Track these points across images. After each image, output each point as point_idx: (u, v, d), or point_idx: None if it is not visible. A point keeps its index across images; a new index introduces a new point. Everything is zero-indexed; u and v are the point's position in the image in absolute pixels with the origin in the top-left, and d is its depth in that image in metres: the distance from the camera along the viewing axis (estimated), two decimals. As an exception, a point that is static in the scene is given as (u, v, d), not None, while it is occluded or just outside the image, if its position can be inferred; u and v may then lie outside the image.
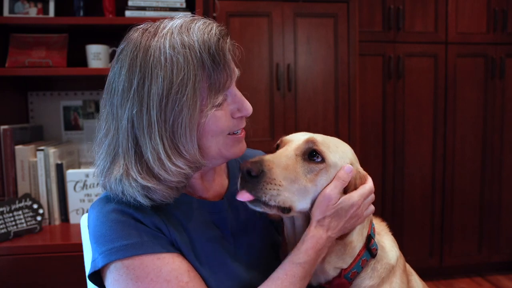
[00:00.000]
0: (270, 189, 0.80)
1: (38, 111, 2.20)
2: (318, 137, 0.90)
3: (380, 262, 0.94)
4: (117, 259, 0.77)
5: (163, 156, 0.76)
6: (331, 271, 0.90)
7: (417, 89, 2.90)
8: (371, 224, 0.96)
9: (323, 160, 0.86)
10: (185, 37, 0.77)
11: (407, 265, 1.08)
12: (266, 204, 0.81)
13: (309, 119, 2.48)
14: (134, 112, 0.76)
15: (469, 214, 3.03)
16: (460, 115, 2.96)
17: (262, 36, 2.43)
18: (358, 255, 0.91)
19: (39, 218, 1.85)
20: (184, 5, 2.02)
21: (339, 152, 0.89)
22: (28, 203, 1.84)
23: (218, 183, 0.98)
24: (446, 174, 2.97)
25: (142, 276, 0.76)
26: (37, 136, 2.12)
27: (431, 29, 2.87)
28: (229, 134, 0.85)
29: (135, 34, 0.80)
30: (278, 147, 0.93)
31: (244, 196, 0.81)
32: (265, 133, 2.43)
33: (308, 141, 0.88)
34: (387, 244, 0.99)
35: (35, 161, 1.89)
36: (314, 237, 0.83)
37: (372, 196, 0.91)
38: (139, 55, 0.77)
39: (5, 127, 1.89)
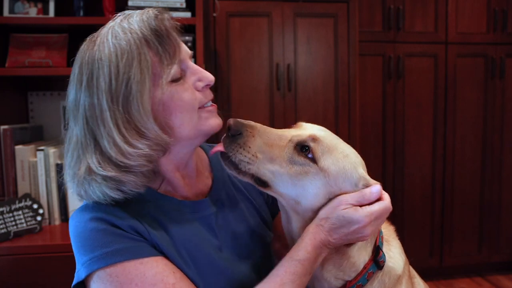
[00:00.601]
0: (240, 153, 0.80)
1: (38, 111, 2.20)
2: (326, 139, 0.84)
3: (387, 275, 0.89)
4: (99, 267, 0.76)
5: (118, 140, 0.77)
6: (333, 280, 0.87)
7: (417, 89, 2.90)
8: (379, 233, 0.92)
9: (314, 161, 0.81)
10: (125, 25, 0.80)
11: (411, 268, 1.05)
12: (236, 167, 0.81)
13: (309, 119, 2.46)
14: (86, 106, 0.78)
15: (469, 214, 3.03)
16: (460, 115, 2.96)
17: (262, 36, 2.43)
18: (365, 268, 0.87)
19: (39, 218, 1.84)
20: (184, 5, 2.02)
21: (344, 162, 0.83)
22: (28, 203, 1.84)
23: (201, 182, 0.97)
24: (446, 174, 2.97)
25: (126, 282, 0.75)
26: (37, 136, 2.12)
27: (431, 29, 2.87)
28: (200, 108, 0.86)
29: (82, 46, 0.83)
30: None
31: (218, 147, 0.82)
32: (265, 133, 2.42)
33: (311, 136, 0.83)
34: (395, 253, 0.94)
35: (35, 161, 1.89)
36: (313, 234, 0.82)
37: (383, 218, 0.84)
38: (85, 57, 0.80)
39: (5, 127, 1.89)
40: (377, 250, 0.88)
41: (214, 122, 0.88)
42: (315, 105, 2.49)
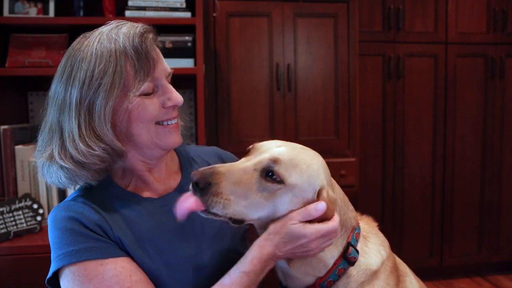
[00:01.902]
0: (216, 201, 0.81)
1: (38, 111, 2.19)
2: (285, 156, 0.86)
3: (356, 268, 0.92)
4: (64, 264, 0.82)
5: (76, 137, 0.84)
6: (304, 277, 0.91)
7: (417, 89, 2.90)
8: (353, 230, 0.94)
9: (282, 182, 0.84)
10: (113, 35, 0.86)
11: (403, 266, 1.06)
12: (215, 214, 0.83)
13: (309, 119, 2.48)
14: (60, 99, 0.86)
15: (469, 214, 3.03)
16: (460, 115, 2.96)
17: (262, 36, 2.43)
18: (334, 264, 0.90)
19: (39, 218, 1.84)
20: (184, 5, 2.02)
21: (308, 173, 0.86)
22: (28, 203, 1.84)
23: (171, 178, 1.01)
24: (446, 174, 2.97)
25: (86, 282, 0.81)
26: (37, 136, 2.12)
27: (431, 29, 2.87)
28: (160, 124, 0.91)
29: (74, 42, 0.90)
30: (248, 152, 0.92)
31: (196, 205, 0.82)
32: (265, 133, 2.43)
33: (272, 159, 0.85)
34: (371, 249, 0.96)
35: (35, 161, 1.89)
36: (261, 247, 0.85)
37: (331, 237, 0.86)
38: (72, 54, 0.88)
39: (5, 127, 1.89)
40: (347, 246, 0.91)
41: (171, 139, 0.93)
42: (315, 105, 2.49)
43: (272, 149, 0.89)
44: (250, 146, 0.93)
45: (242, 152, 1.19)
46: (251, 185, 0.84)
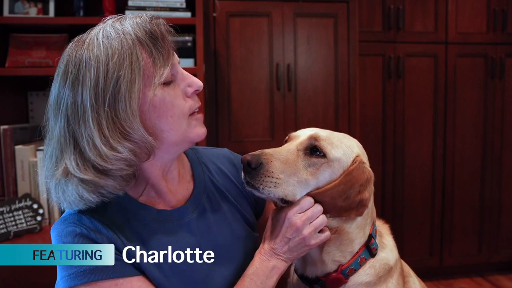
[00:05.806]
0: (267, 181, 0.86)
1: (38, 111, 2.20)
2: (322, 133, 0.94)
3: (379, 262, 0.96)
4: (76, 284, 0.78)
5: (98, 141, 0.76)
6: (330, 263, 0.93)
7: (417, 89, 2.90)
8: (373, 225, 0.99)
9: (324, 155, 0.90)
10: (118, 26, 0.80)
11: (407, 267, 1.10)
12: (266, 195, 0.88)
13: (309, 119, 2.48)
14: (69, 105, 0.77)
15: (469, 214, 3.02)
16: (460, 115, 2.96)
17: (262, 36, 2.43)
18: (357, 252, 0.93)
19: (39, 218, 1.84)
20: (184, 5, 2.02)
21: (343, 147, 0.93)
22: (28, 203, 1.84)
23: (183, 186, 0.97)
24: (446, 174, 2.97)
25: None
26: (37, 136, 2.12)
27: (431, 29, 2.87)
28: (190, 115, 0.87)
29: (69, 45, 0.83)
30: (285, 143, 0.98)
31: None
32: (265, 133, 2.43)
33: (311, 137, 0.92)
34: (388, 246, 1.01)
35: (35, 161, 1.89)
36: (259, 249, 0.91)
37: (318, 220, 0.88)
38: (72, 55, 0.79)
39: (5, 127, 1.89)
40: (369, 238, 0.95)
41: (200, 130, 0.89)
42: (315, 105, 2.49)
43: (308, 132, 0.96)
44: (286, 137, 1.00)
45: (242, 152, 1.18)
46: (297, 163, 0.89)
